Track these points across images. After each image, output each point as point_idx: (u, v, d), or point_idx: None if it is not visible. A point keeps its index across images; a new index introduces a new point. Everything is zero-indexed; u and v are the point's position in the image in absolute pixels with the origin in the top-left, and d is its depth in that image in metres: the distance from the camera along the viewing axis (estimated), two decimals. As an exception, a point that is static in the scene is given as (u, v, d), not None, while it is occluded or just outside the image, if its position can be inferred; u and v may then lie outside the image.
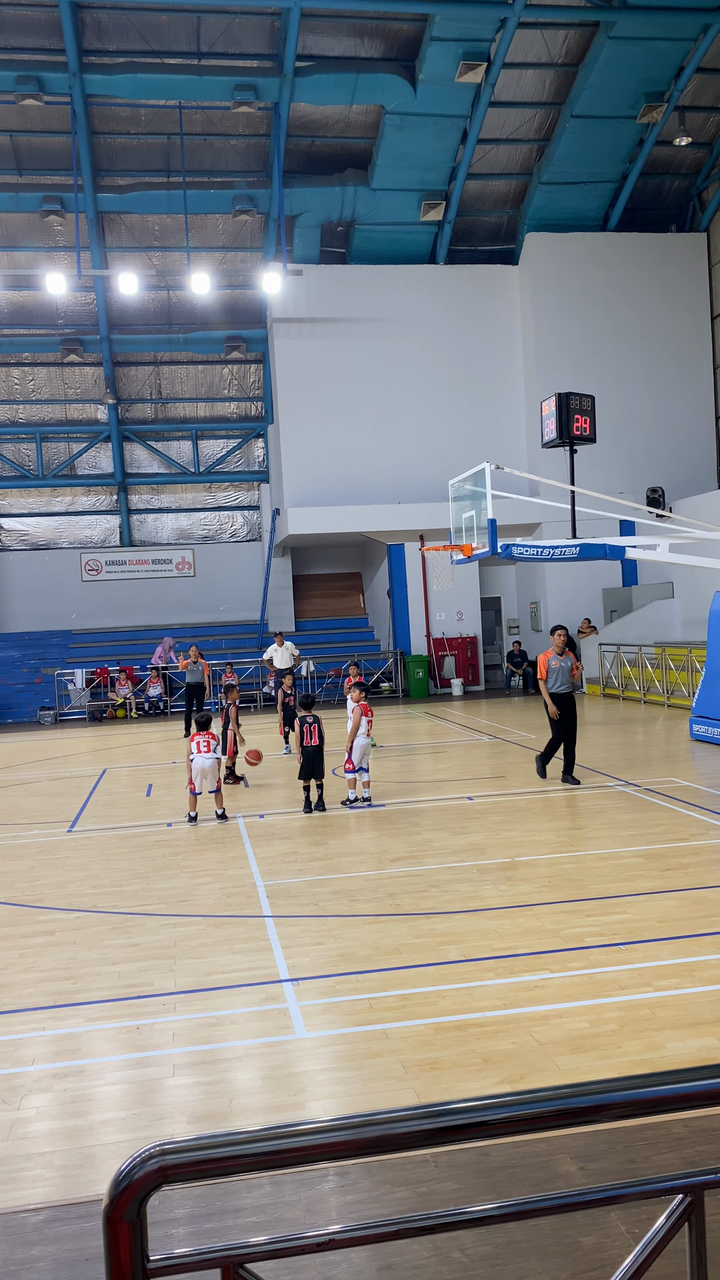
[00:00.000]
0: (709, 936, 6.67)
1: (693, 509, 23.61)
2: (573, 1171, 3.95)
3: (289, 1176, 4.01)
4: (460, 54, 22.91)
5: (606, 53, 23.06)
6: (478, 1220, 2.03)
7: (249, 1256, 1.83)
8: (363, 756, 11.78)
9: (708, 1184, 1.98)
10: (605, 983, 5.95)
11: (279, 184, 25.10)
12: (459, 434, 27.30)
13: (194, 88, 23.24)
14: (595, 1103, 1.94)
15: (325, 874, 8.88)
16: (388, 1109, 1.88)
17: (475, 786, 12.84)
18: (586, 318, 27.30)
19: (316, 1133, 1.80)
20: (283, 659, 22.06)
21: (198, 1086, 4.95)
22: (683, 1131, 4.17)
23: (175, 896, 8.40)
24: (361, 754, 11.77)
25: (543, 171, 26.16)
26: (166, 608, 29.59)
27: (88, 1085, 5.05)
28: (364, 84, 23.49)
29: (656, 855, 8.88)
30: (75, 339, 28.33)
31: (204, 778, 11.51)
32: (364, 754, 11.79)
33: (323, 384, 27.34)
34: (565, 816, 10.70)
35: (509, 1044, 5.19)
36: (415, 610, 27.51)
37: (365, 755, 11.81)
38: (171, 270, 27.42)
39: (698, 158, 27.35)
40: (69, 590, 29.39)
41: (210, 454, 30.53)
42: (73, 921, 7.85)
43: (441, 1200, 3.79)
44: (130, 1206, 1.73)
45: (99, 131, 24.79)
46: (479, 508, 15.60)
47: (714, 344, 28.26)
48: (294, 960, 6.65)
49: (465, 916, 7.39)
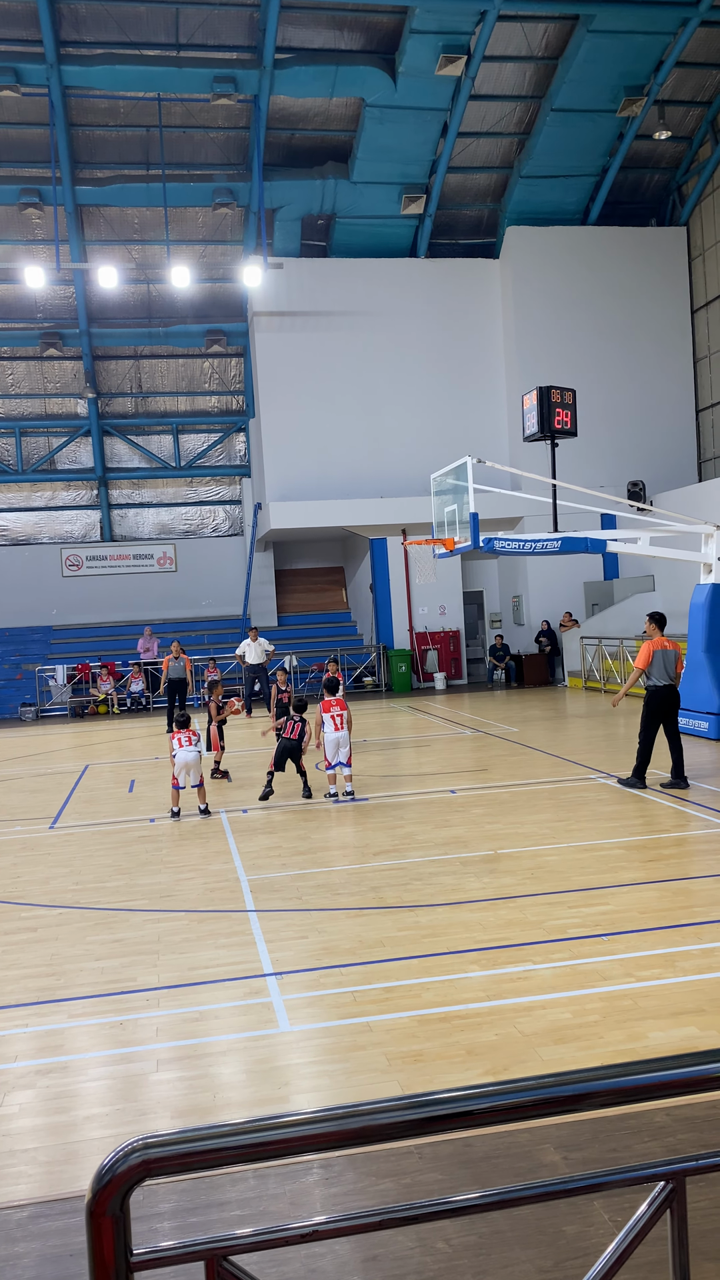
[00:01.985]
0: (690, 927, 6.72)
1: (673, 502, 23.72)
2: (556, 1161, 3.97)
3: (273, 1170, 4.01)
4: (440, 47, 22.88)
5: (586, 46, 23.08)
6: (462, 1210, 2.04)
7: (233, 1249, 1.83)
8: (335, 752, 11.67)
9: (689, 1171, 1.99)
10: (588, 974, 5.98)
11: (259, 177, 25.01)
12: (441, 428, 27.30)
13: (173, 80, 23.11)
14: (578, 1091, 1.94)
15: (308, 868, 8.88)
16: (372, 1100, 1.88)
17: (458, 780, 12.86)
18: (567, 311, 27.35)
19: (301, 1124, 1.80)
20: (255, 654, 22.04)
21: (181, 1081, 4.95)
22: (665, 1120, 4.20)
23: (158, 892, 8.38)
24: (333, 749, 11.65)
25: (523, 165, 26.17)
26: (148, 603, 29.48)
27: (71, 1081, 5.03)
28: (344, 76, 23.42)
29: (638, 847, 8.92)
30: (54, 333, 28.16)
31: (187, 773, 11.50)
32: (335, 749, 11.65)
33: (304, 378, 27.29)
34: (548, 809, 10.74)
35: (492, 1035, 5.21)
36: (398, 604, 27.52)
37: (338, 750, 11.67)
38: (151, 263, 27.30)
39: (677, 151, 27.44)
40: (50, 586, 29.23)
41: (191, 448, 30.43)
42: (55, 918, 7.82)
43: (426, 1191, 3.80)
44: (113, 1200, 1.72)
45: (77, 124, 24.63)
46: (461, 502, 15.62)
47: (694, 338, 28.38)
48: (277, 954, 6.65)
49: (448, 909, 7.41)
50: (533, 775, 12.86)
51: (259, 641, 22.22)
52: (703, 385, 28.23)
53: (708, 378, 27.97)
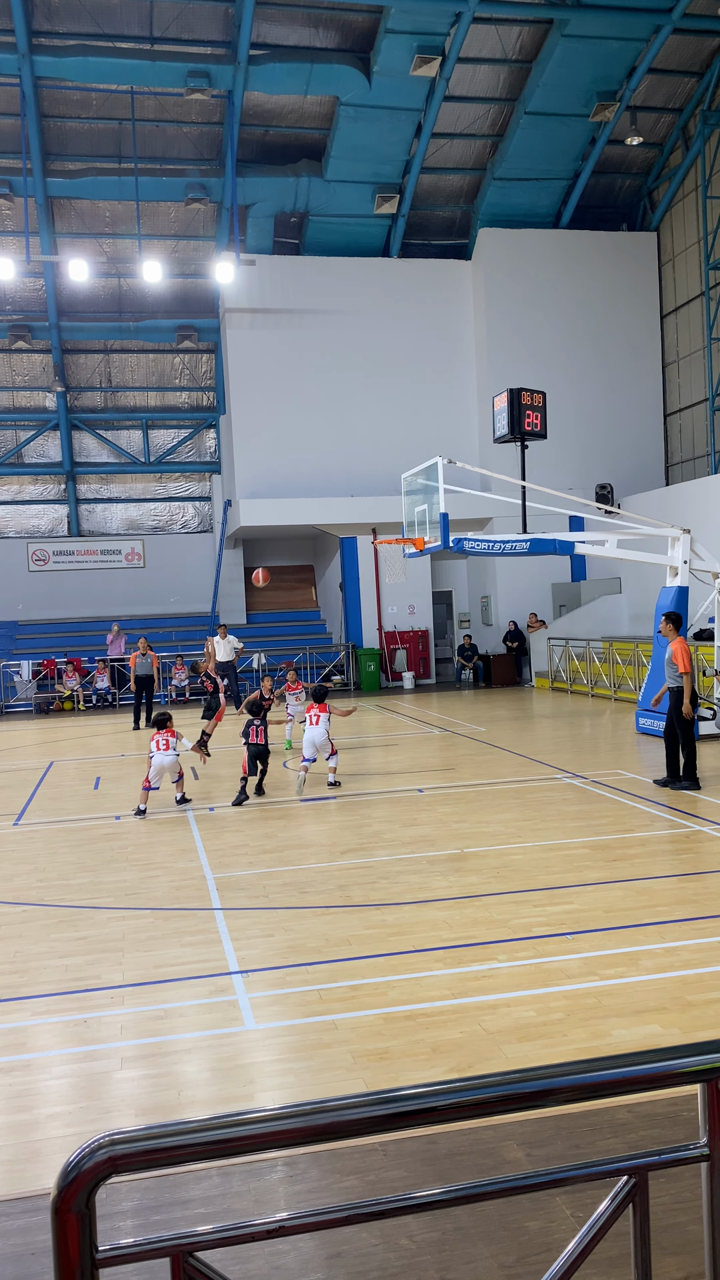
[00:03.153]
0: (653, 926, 6.78)
1: (641, 505, 23.92)
2: (519, 1158, 4.00)
3: (237, 1167, 4.00)
4: (415, 47, 22.92)
5: (560, 50, 23.21)
6: (426, 1205, 2.05)
7: (198, 1245, 1.83)
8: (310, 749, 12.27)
9: (651, 1165, 2.02)
10: (552, 972, 6.02)
11: (232, 173, 24.92)
12: (412, 428, 27.34)
13: (146, 73, 22.95)
14: (542, 1087, 1.96)
15: (275, 866, 8.87)
16: (338, 1096, 1.88)
17: (425, 779, 12.90)
18: (538, 314, 27.48)
19: (268, 1120, 1.80)
20: (224, 651, 21.97)
21: (146, 1079, 4.93)
22: (627, 1117, 4.24)
23: (124, 889, 8.34)
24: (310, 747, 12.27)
25: (496, 167, 26.27)
26: (116, 599, 29.28)
27: (34, 1079, 5.00)
28: (319, 74, 23.38)
29: (603, 846, 9.00)
30: (23, 325, 27.88)
31: (162, 775, 11.51)
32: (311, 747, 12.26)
33: (275, 375, 27.22)
34: (514, 808, 10.80)
35: (457, 1033, 5.24)
36: (367, 603, 27.54)
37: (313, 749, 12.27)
38: (122, 258, 27.11)
39: (649, 157, 27.66)
40: (15, 580, 28.94)
41: (161, 444, 30.26)
42: (19, 915, 7.76)
43: (390, 1188, 3.81)
44: (79, 1197, 1.72)
45: (49, 115, 24.41)
46: (431, 502, 15.66)
47: (663, 342, 28.63)
48: (243, 952, 6.64)
49: (415, 907, 7.43)
50: (499, 775, 12.92)
51: (228, 639, 22.15)
52: (671, 390, 28.49)
53: (676, 382, 28.24)
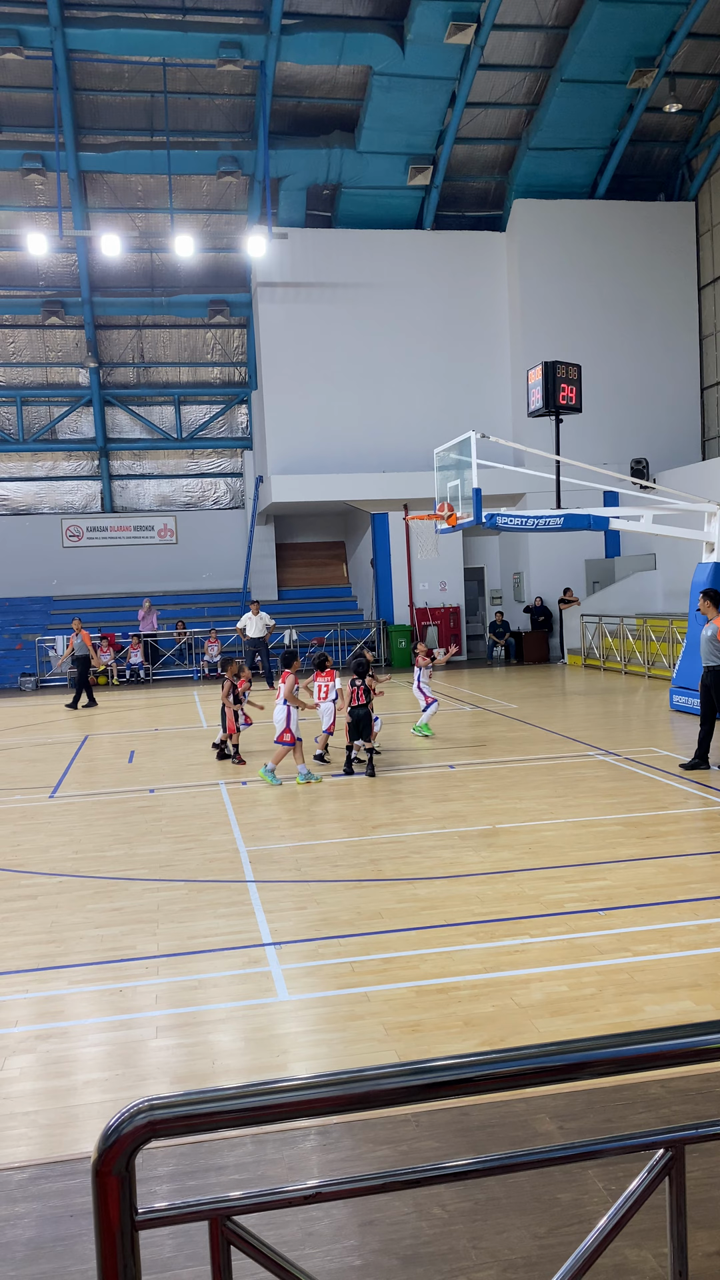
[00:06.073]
0: (686, 903, 6.76)
1: (677, 480, 23.63)
2: (551, 1130, 4.02)
3: (271, 1135, 4.05)
4: (449, 14, 22.56)
5: (597, 15, 22.76)
6: (459, 1175, 2.06)
7: (235, 1209, 1.85)
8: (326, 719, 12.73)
9: (689, 1139, 2.02)
10: (585, 947, 6.02)
11: (264, 145, 24.73)
12: (444, 402, 27.13)
13: (178, 44, 22.80)
14: (576, 1060, 1.96)
15: (307, 840, 8.93)
16: (373, 1065, 1.89)
17: (457, 755, 12.90)
18: (574, 286, 27.12)
19: (304, 1088, 1.82)
20: (256, 628, 22.06)
21: (180, 1048, 4.99)
22: (660, 1092, 4.24)
23: (158, 861, 8.43)
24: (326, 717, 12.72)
25: (531, 136, 25.87)
26: (148, 575, 29.42)
27: (71, 1047, 5.08)
28: (351, 43, 23.10)
29: (636, 823, 8.96)
30: (56, 301, 27.94)
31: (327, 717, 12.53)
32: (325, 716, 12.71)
33: (307, 349, 27.09)
34: (546, 785, 10.78)
35: (489, 1007, 5.25)
36: (399, 580, 27.48)
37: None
38: (154, 232, 27.04)
39: (687, 125, 27.11)
40: (50, 556, 29.16)
41: (193, 419, 30.27)
42: (55, 886, 7.87)
43: (423, 1158, 3.84)
44: (119, 1160, 1.74)
45: (81, 88, 24.32)
46: (464, 477, 15.56)
47: (700, 315, 28.17)
48: (276, 924, 6.70)
49: (446, 882, 7.45)
50: (531, 751, 12.89)
51: (260, 615, 22.21)
52: (708, 362, 28.05)
53: (714, 355, 27.79)
